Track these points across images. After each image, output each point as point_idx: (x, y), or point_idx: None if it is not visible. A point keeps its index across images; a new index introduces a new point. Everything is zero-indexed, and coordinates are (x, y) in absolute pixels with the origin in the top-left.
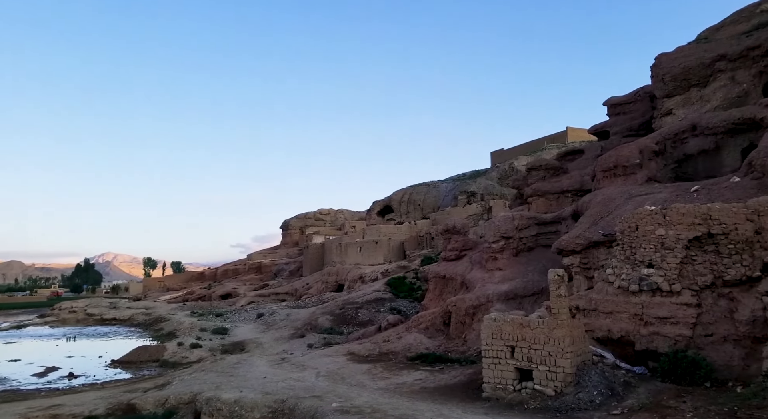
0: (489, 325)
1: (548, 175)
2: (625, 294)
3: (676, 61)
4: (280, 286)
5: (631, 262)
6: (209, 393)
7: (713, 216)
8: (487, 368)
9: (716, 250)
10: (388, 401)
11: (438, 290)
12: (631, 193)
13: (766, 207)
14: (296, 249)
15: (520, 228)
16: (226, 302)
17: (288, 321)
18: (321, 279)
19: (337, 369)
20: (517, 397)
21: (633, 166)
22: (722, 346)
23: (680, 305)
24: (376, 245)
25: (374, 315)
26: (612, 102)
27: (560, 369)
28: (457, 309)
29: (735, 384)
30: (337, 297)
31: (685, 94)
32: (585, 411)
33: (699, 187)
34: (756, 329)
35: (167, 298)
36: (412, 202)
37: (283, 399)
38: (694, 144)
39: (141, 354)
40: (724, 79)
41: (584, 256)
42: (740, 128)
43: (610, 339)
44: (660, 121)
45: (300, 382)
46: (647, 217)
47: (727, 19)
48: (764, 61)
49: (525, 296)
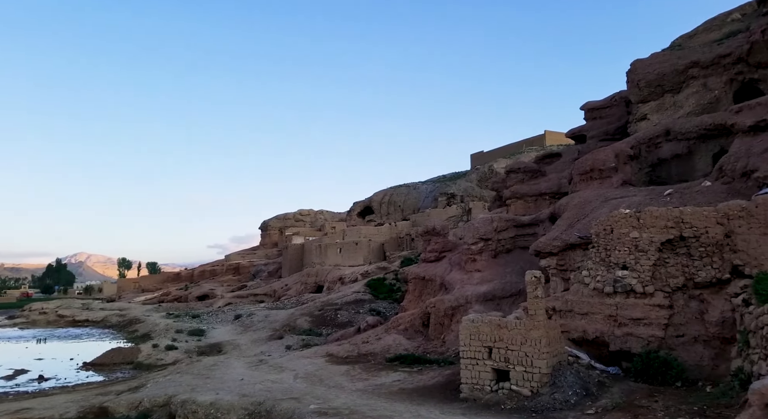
0: (467, 326)
1: (527, 177)
2: (600, 296)
3: (651, 67)
4: (259, 287)
5: (606, 264)
6: (184, 395)
7: (685, 219)
8: (464, 369)
9: (688, 253)
10: (366, 402)
11: (417, 291)
12: (607, 196)
13: (735, 211)
14: (275, 249)
15: (498, 230)
16: (203, 303)
17: (266, 322)
18: (300, 280)
19: (316, 371)
20: (494, 398)
21: (609, 169)
22: (693, 347)
23: (653, 306)
24: (356, 246)
25: (354, 316)
26: (589, 106)
27: (536, 369)
28: (436, 311)
29: (705, 383)
30: (316, 299)
31: (660, 99)
32: (560, 411)
33: (672, 191)
34: (725, 330)
35: (142, 299)
36: (393, 203)
37: (260, 401)
38: (667, 149)
39: (114, 356)
40: (697, 86)
41: (561, 258)
42: (712, 134)
43: (585, 339)
44: (635, 126)
45: (278, 384)
46: (622, 220)
47: (700, 27)
48: (735, 68)
49: (503, 297)
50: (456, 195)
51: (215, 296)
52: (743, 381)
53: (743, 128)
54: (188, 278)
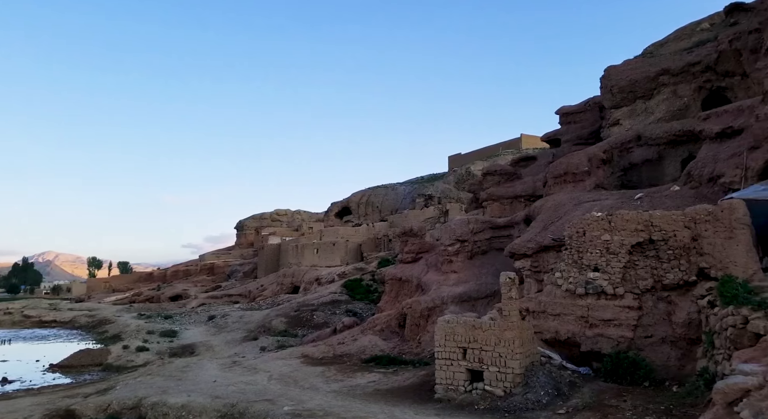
0: (442, 327)
1: (503, 180)
2: (572, 297)
3: (624, 73)
4: (234, 288)
5: (579, 266)
6: (155, 397)
7: (654, 223)
8: (439, 369)
9: (656, 255)
10: (341, 403)
11: (394, 292)
12: (580, 199)
13: (701, 215)
14: (251, 250)
15: (474, 232)
16: (175, 304)
17: (241, 323)
18: (276, 280)
19: (290, 372)
20: (467, 398)
21: (582, 173)
22: (660, 347)
23: (623, 308)
24: (334, 247)
25: (330, 317)
26: (563, 111)
27: (510, 370)
28: (412, 311)
29: (671, 383)
30: (292, 299)
31: (632, 105)
32: (532, 411)
33: (642, 195)
34: (691, 331)
35: (113, 299)
36: (371, 204)
37: (233, 403)
38: (638, 153)
39: (83, 357)
40: (667, 93)
41: (535, 260)
42: (681, 140)
43: (557, 340)
44: (608, 131)
45: (251, 386)
46: (594, 223)
47: (671, 36)
48: (703, 76)
49: (478, 298)
50: (433, 196)
51: (189, 296)
52: (708, 380)
53: (710, 135)
54: (161, 278)
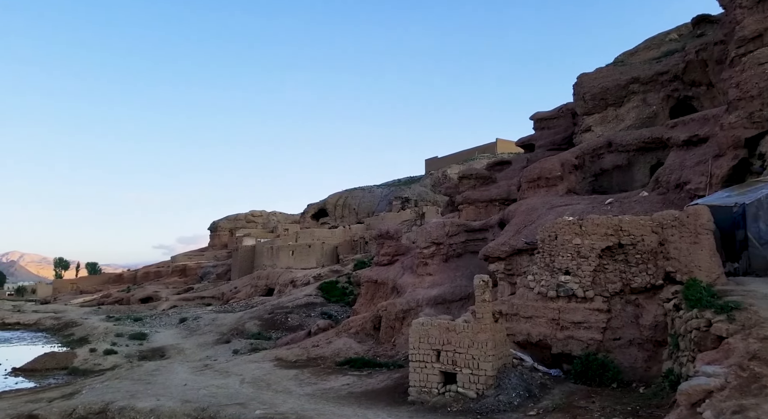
0: (417, 329)
1: (478, 183)
2: (544, 300)
3: (596, 81)
4: (206, 290)
5: (550, 269)
6: (123, 402)
7: (623, 227)
8: (413, 372)
9: (625, 259)
10: (314, 407)
11: (370, 294)
12: (553, 203)
13: (668, 220)
14: (225, 251)
15: (450, 235)
16: (146, 306)
17: (213, 326)
18: (250, 282)
19: (263, 375)
20: (441, 400)
21: (555, 178)
22: (628, 349)
23: (593, 310)
24: (310, 249)
25: (305, 319)
26: (538, 117)
27: (482, 372)
28: (387, 314)
29: (638, 384)
30: (266, 302)
31: (603, 112)
32: (504, 412)
33: (612, 200)
34: (657, 333)
35: (80, 301)
36: (348, 206)
37: (204, 406)
38: (609, 159)
39: (47, 361)
40: (637, 101)
41: (508, 263)
42: (650, 147)
43: (529, 342)
44: (580, 137)
45: (223, 389)
46: (565, 227)
47: (641, 45)
48: (671, 85)
49: (453, 301)
50: (410, 199)
51: (159, 298)
52: (673, 382)
53: (678, 142)
54: (131, 279)
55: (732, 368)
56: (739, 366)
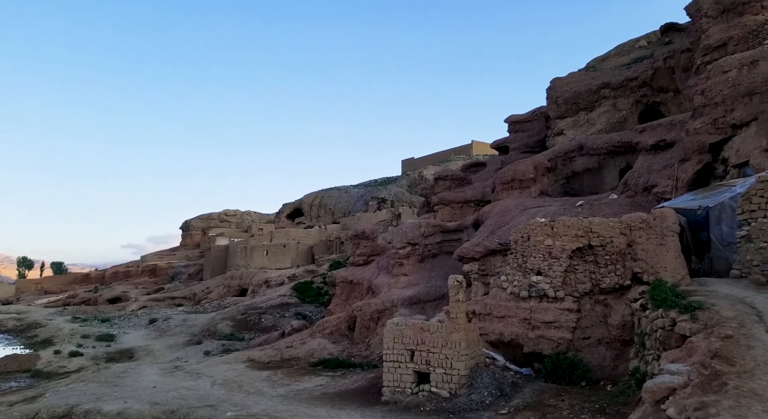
0: (391, 329)
1: (453, 185)
2: (516, 300)
3: (568, 85)
4: (178, 290)
5: (523, 270)
6: (88, 405)
7: (593, 229)
8: (387, 372)
9: (595, 261)
10: (286, 408)
11: (345, 295)
12: (526, 205)
13: (636, 222)
14: (197, 251)
15: (425, 235)
16: (114, 306)
17: (184, 327)
18: (223, 283)
19: (235, 377)
20: (414, 400)
21: (528, 180)
22: (597, 348)
23: (563, 310)
24: (284, 249)
25: (278, 320)
26: (512, 120)
27: (455, 371)
28: (362, 314)
29: (606, 383)
30: (239, 302)
31: (575, 116)
32: (476, 411)
33: (583, 202)
34: (625, 332)
35: (44, 302)
36: (324, 205)
37: (174, 409)
38: (580, 162)
39: (9, 363)
40: (608, 105)
41: (482, 263)
42: (619, 151)
43: (501, 342)
44: (553, 140)
45: (193, 391)
46: (538, 228)
47: (612, 51)
48: (640, 91)
49: (428, 301)
50: (386, 199)
51: (128, 299)
52: (639, 380)
53: (646, 147)
54: (99, 279)
55: (694, 366)
56: (701, 364)
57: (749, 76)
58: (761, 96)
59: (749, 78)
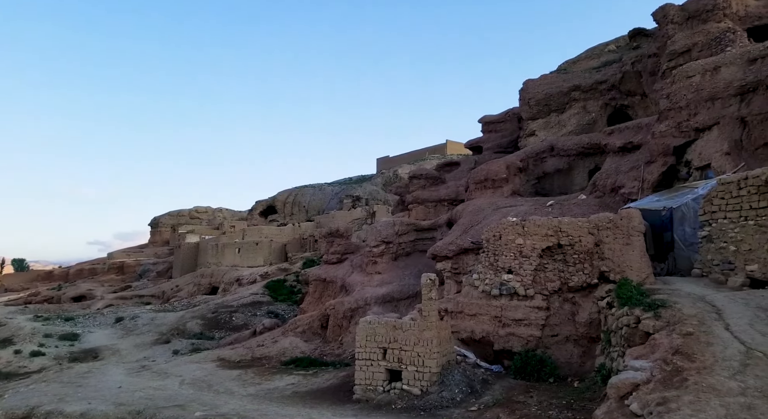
0: (364, 328)
1: (428, 184)
2: (488, 298)
3: (540, 87)
4: (146, 288)
5: (494, 268)
6: (50, 406)
7: (563, 229)
8: (359, 370)
9: (564, 259)
10: (256, 407)
11: (318, 293)
12: (498, 204)
13: (603, 222)
14: (166, 248)
15: (399, 234)
16: (78, 305)
17: (152, 325)
18: (193, 281)
19: (205, 376)
20: (386, 398)
21: (500, 180)
22: (565, 346)
23: (533, 308)
24: (257, 246)
25: (250, 319)
26: (485, 120)
27: (427, 369)
28: (335, 312)
29: (573, 379)
30: (210, 301)
31: (547, 117)
32: (446, 408)
33: (553, 202)
34: (592, 330)
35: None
36: (297, 203)
37: (140, 409)
38: (551, 163)
39: None
40: (578, 108)
41: (455, 262)
42: (588, 152)
43: (473, 339)
44: (525, 141)
45: (161, 391)
46: (509, 227)
47: (583, 55)
48: (609, 94)
49: (401, 299)
50: (361, 198)
51: (94, 297)
52: (604, 376)
53: (614, 149)
54: (62, 277)
55: (657, 362)
56: (664, 360)
57: (712, 82)
58: (723, 101)
59: (712, 83)
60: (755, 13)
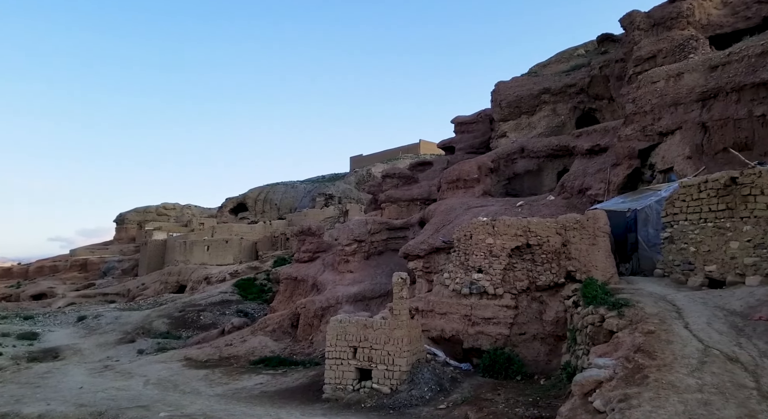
0: (334, 327)
1: (401, 183)
2: (458, 297)
3: (511, 89)
4: (110, 286)
5: (465, 267)
6: (6, 408)
7: (531, 229)
8: (329, 369)
9: (532, 259)
10: (223, 407)
11: (288, 292)
12: (470, 204)
13: (570, 223)
14: (132, 245)
15: (372, 233)
16: (39, 303)
17: (116, 324)
18: (160, 279)
19: (170, 376)
20: (355, 397)
21: (472, 180)
22: (532, 344)
23: (502, 307)
24: (227, 244)
25: (219, 318)
26: (458, 121)
27: (397, 367)
28: (306, 311)
29: (540, 377)
30: (177, 299)
31: (517, 119)
32: (416, 406)
33: (523, 203)
34: (558, 328)
35: None
36: (269, 201)
37: (102, 410)
38: (522, 164)
39: None
40: (548, 110)
41: (427, 261)
42: (557, 154)
43: (443, 338)
44: (496, 142)
45: (124, 391)
46: (480, 227)
47: (553, 58)
48: (578, 97)
49: (373, 298)
50: (334, 196)
51: (55, 295)
52: (570, 374)
53: (581, 151)
54: (22, 274)
55: (620, 360)
56: (626, 358)
57: (675, 87)
58: (685, 106)
59: (675, 89)
60: (717, 22)
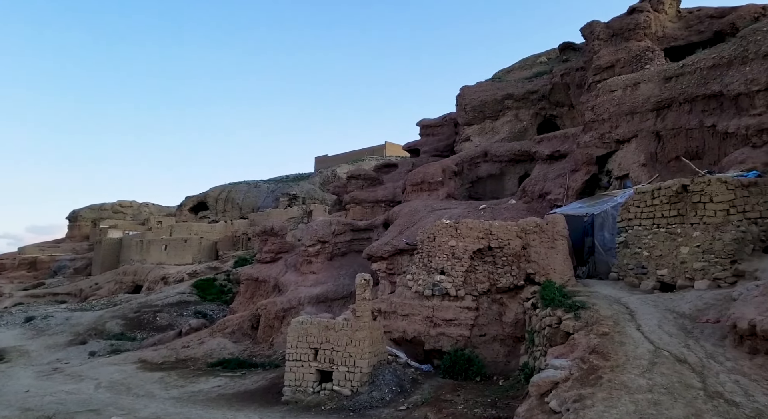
0: (295, 328)
1: (366, 184)
2: (420, 299)
3: (476, 94)
4: (61, 286)
5: (427, 269)
6: None
7: (493, 232)
8: (289, 371)
9: (493, 261)
10: (179, 410)
11: (249, 293)
12: (434, 206)
13: (531, 227)
14: (86, 244)
15: (336, 234)
16: None
17: (67, 325)
18: (114, 279)
19: (124, 379)
20: (315, 399)
21: (436, 183)
22: (491, 345)
23: (463, 308)
24: (185, 244)
25: (176, 319)
26: (423, 123)
27: (358, 369)
28: (266, 313)
29: (499, 377)
30: (132, 300)
31: (481, 124)
32: (376, 408)
33: (485, 206)
34: (517, 330)
35: None
36: (231, 200)
37: (49, 415)
38: (485, 168)
39: None
40: (511, 115)
41: (390, 262)
42: (519, 159)
43: (405, 339)
44: (461, 145)
45: (74, 395)
46: (443, 229)
47: (516, 64)
48: (540, 104)
49: (335, 299)
50: (298, 196)
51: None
52: (528, 375)
53: (542, 156)
54: None
55: (575, 361)
56: (581, 359)
57: (632, 97)
58: (641, 115)
59: (632, 98)
60: (672, 35)
